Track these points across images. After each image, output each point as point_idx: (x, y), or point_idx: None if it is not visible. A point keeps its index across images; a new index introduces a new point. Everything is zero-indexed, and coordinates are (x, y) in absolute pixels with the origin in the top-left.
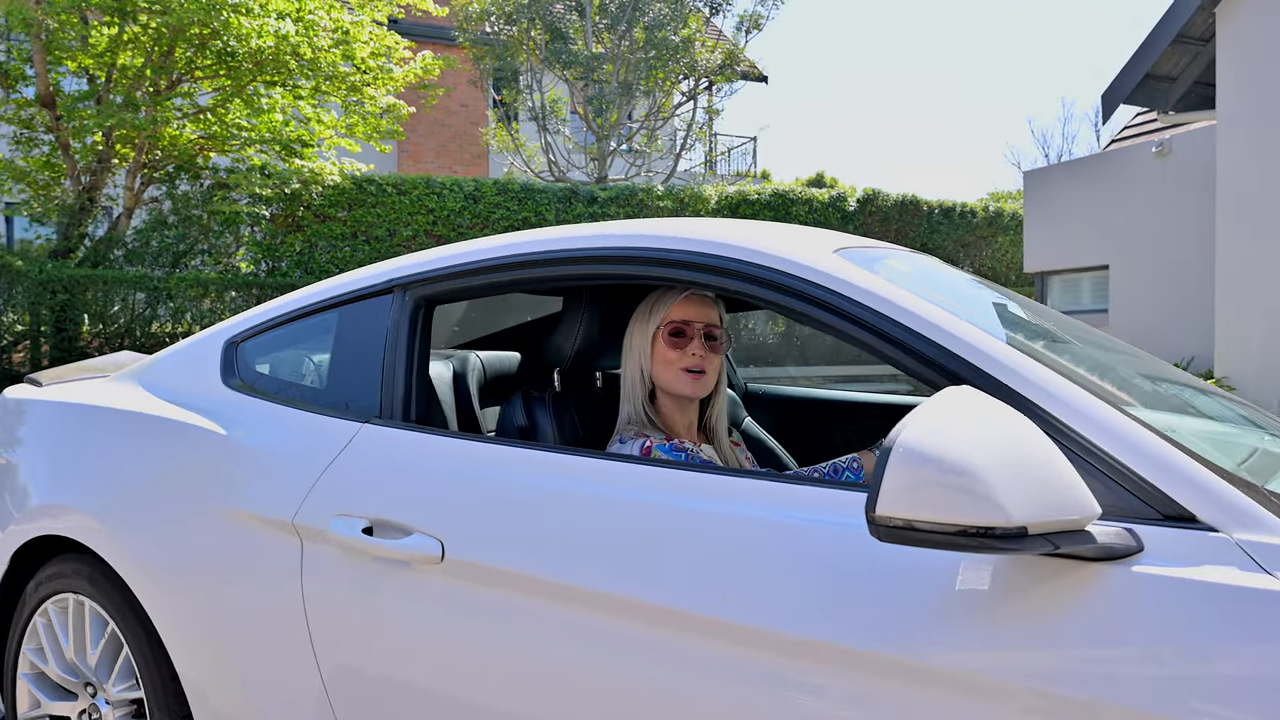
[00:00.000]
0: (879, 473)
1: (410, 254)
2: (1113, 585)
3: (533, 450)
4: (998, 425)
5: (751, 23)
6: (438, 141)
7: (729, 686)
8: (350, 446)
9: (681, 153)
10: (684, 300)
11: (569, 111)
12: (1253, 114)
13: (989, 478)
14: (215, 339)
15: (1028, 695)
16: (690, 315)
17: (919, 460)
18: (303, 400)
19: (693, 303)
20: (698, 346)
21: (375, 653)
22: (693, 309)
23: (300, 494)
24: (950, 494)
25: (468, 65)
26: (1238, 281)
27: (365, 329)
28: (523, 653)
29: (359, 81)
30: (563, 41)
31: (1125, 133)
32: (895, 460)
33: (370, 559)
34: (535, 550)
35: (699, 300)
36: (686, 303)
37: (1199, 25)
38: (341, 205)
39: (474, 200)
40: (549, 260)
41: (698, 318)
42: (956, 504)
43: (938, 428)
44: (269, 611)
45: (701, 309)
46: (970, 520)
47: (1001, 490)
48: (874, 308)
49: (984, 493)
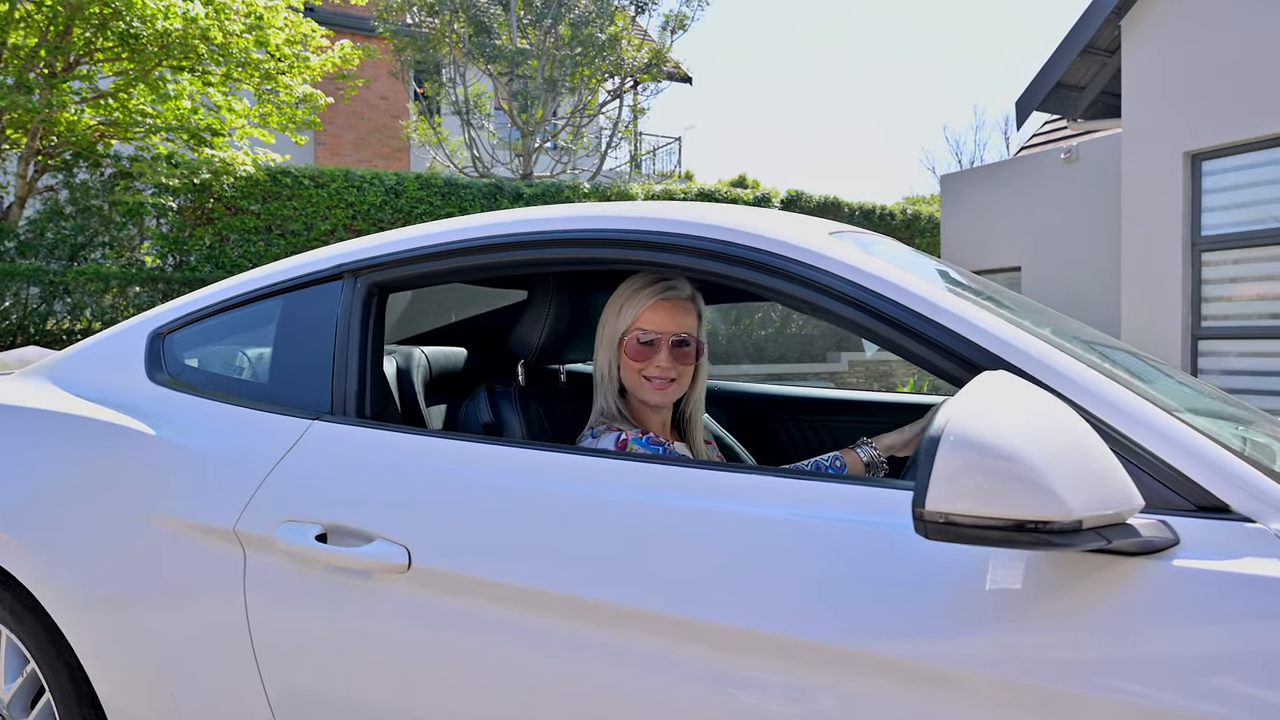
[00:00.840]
0: (926, 464)
1: (360, 238)
2: (1154, 581)
3: (509, 447)
4: (1043, 412)
5: (677, 23)
6: (357, 134)
7: (742, 698)
8: (299, 445)
9: (607, 151)
10: (654, 305)
11: (493, 107)
12: (1155, 122)
13: (1046, 468)
14: (138, 330)
15: (1064, 699)
16: (659, 324)
17: (972, 449)
18: (242, 396)
19: (664, 309)
20: (665, 358)
21: (330, 673)
22: (662, 316)
23: (242, 498)
24: (1006, 486)
25: (388, 56)
26: (1141, 282)
27: (312, 318)
28: (502, 670)
29: (273, 69)
30: (487, 35)
31: (1034, 140)
32: (946, 450)
33: (324, 569)
34: (515, 556)
35: (671, 305)
36: (657, 308)
37: (1106, 37)
38: (255, 198)
39: (396, 195)
40: (516, 244)
41: (667, 327)
42: (1012, 497)
43: (985, 415)
44: (207, 630)
45: (673, 315)
46: (1027, 514)
47: (1058, 481)
48: (893, 297)
49: (1042, 484)
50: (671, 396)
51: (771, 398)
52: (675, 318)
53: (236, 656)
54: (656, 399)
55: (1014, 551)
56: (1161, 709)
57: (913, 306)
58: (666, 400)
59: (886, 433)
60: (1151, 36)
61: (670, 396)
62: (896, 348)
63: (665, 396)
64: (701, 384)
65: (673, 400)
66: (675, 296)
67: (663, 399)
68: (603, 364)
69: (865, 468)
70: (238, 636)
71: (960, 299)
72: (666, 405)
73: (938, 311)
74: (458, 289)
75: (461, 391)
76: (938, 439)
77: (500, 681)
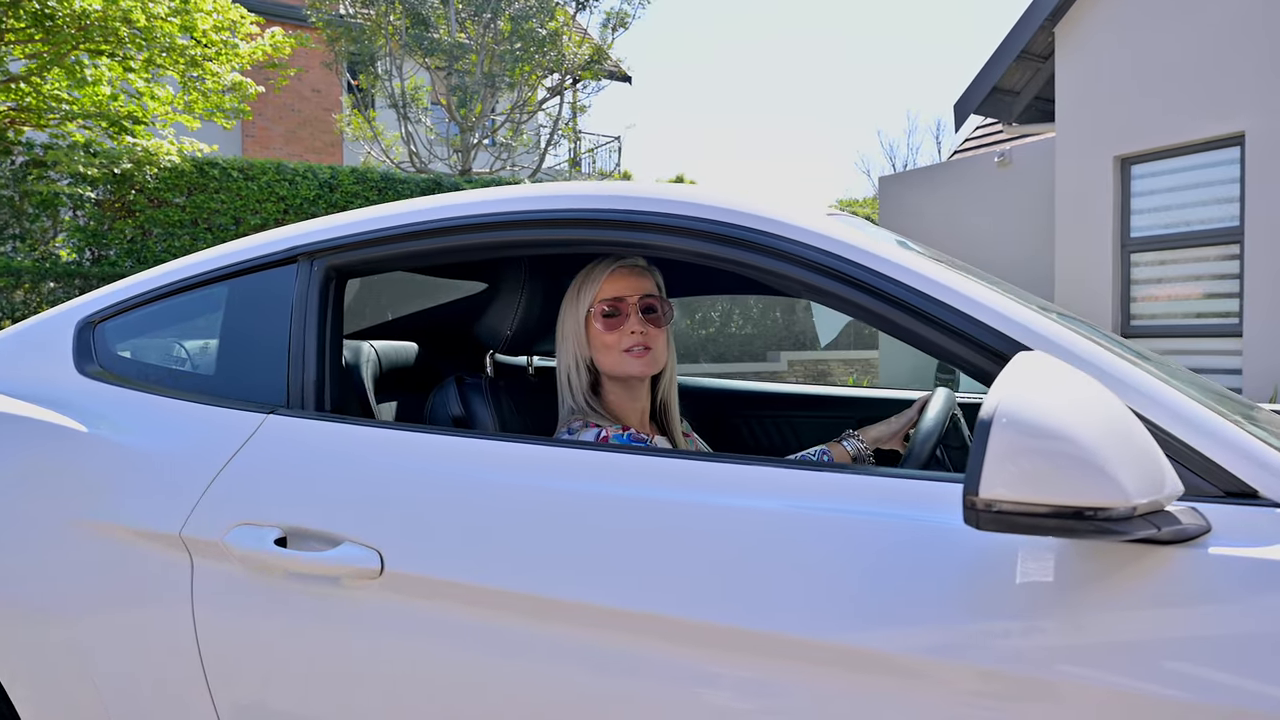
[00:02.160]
0: (978, 449)
1: (316, 219)
2: (1192, 569)
3: (492, 441)
4: (1089, 395)
5: (618, 20)
6: (286, 127)
7: (767, 705)
8: (253, 442)
9: (547, 149)
10: (613, 274)
11: (431, 101)
12: (1086, 126)
13: (1104, 452)
14: (65, 320)
15: (1105, 694)
16: (623, 290)
17: (1026, 432)
18: (185, 389)
19: (623, 275)
20: (636, 323)
21: (290, 690)
22: (624, 282)
23: (189, 500)
24: (1065, 470)
25: (321, 46)
26: (1074, 282)
27: (265, 304)
28: (488, 684)
29: (200, 56)
30: (424, 28)
31: (967, 144)
32: (999, 433)
33: (284, 576)
34: (504, 560)
35: (629, 271)
36: (616, 276)
37: (1040, 43)
38: (180, 189)
39: (330, 189)
40: (487, 225)
41: (631, 290)
42: (1071, 482)
43: (1035, 397)
44: (149, 647)
45: (634, 280)
46: (1086, 500)
47: (1115, 466)
48: (916, 286)
49: (1101, 468)
50: (652, 365)
51: (730, 393)
52: (636, 282)
53: (183, 674)
54: (638, 369)
55: (1045, 543)
56: (1207, 704)
57: (934, 294)
58: (648, 369)
59: (871, 425)
60: (1083, 43)
61: (651, 365)
62: (911, 335)
63: (646, 365)
64: (673, 362)
65: (656, 368)
66: (632, 264)
67: (644, 368)
68: (568, 360)
69: (852, 461)
70: (184, 652)
71: (979, 284)
72: (649, 374)
73: (958, 298)
74: (403, 281)
75: (412, 387)
76: (989, 423)
77: (486, 697)
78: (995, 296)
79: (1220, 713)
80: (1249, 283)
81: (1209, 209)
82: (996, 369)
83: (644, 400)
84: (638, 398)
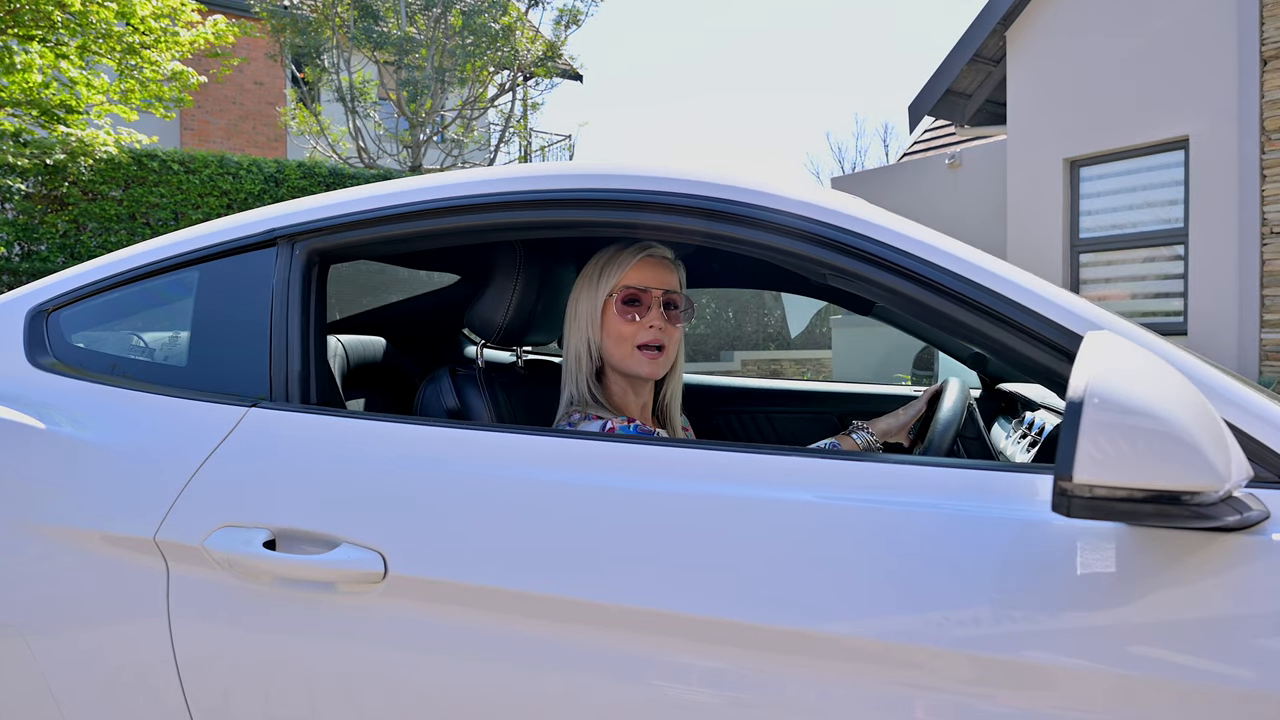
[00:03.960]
0: (1069, 431)
1: (297, 199)
2: (1261, 556)
3: (504, 434)
4: (1168, 375)
5: (570, 17)
6: (228, 120)
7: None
8: (234, 437)
9: (499, 146)
10: (641, 262)
11: (379, 96)
12: (1037, 129)
13: (1197, 432)
14: (12, 308)
15: (1174, 690)
16: (648, 280)
17: (1124, 410)
18: (152, 381)
19: (650, 265)
20: (656, 317)
21: (281, 708)
22: (651, 272)
23: (164, 501)
24: (1164, 451)
25: (266, 37)
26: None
27: (242, 291)
28: (509, 696)
29: (138, 43)
30: (373, 20)
31: (916, 146)
32: (1093, 413)
33: (274, 582)
34: (522, 560)
35: (658, 263)
36: (644, 265)
37: (992, 47)
38: (117, 182)
39: (275, 183)
40: (485, 206)
41: (656, 283)
42: (1170, 463)
43: (1124, 376)
44: (120, 665)
45: (660, 273)
46: (1184, 483)
47: (1208, 447)
48: (981, 281)
49: (1198, 448)
50: (662, 368)
51: (710, 389)
52: (663, 275)
53: (158, 693)
54: (647, 370)
55: (1104, 533)
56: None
57: (993, 286)
58: (657, 372)
59: (879, 418)
60: (1034, 47)
61: (661, 368)
62: (967, 329)
63: (656, 367)
64: (681, 362)
65: (663, 372)
66: (660, 255)
67: (653, 370)
68: (577, 344)
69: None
70: (160, 668)
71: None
72: (655, 377)
73: (1009, 286)
74: (367, 273)
75: (379, 383)
76: (1080, 403)
77: (507, 712)
78: (1044, 284)
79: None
80: (1193, 283)
81: (1155, 211)
82: (1047, 353)
83: (646, 396)
84: (641, 393)
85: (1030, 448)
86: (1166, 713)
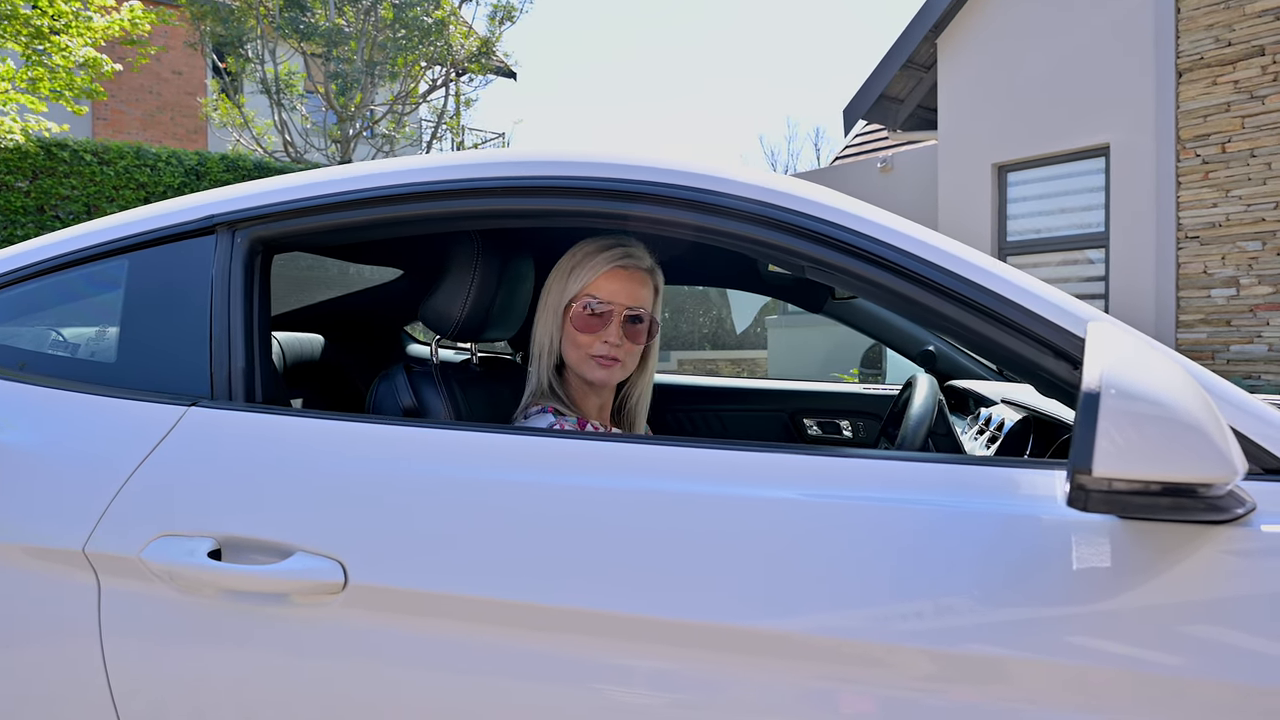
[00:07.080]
0: (1087, 423)
1: (237, 184)
2: (1250, 548)
3: (468, 433)
4: (1171, 366)
5: (505, 13)
6: (145, 110)
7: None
8: (172, 438)
9: (433, 142)
10: (610, 273)
11: (306, 89)
12: (967, 134)
13: (1210, 423)
14: None
15: (1178, 684)
16: (613, 294)
17: (1142, 400)
18: (76, 379)
19: (620, 277)
20: (613, 334)
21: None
22: (619, 285)
23: (94, 509)
24: (1182, 442)
25: (185, 25)
26: None
27: (178, 282)
28: (478, 708)
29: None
30: (300, 10)
31: (848, 150)
32: (1111, 403)
33: (219, 595)
34: (497, 566)
35: (629, 275)
36: (613, 276)
37: (924, 53)
38: (24, 173)
39: (197, 176)
40: (448, 193)
41: (623, 298)
42: (1186, 455)
43: (1136, 366)
44: (49, 688)
45: (630, 286)
46: (1201, 475)
47: (1219, 438)
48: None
49: (1212, 439)
50: (614, 378)
51: (664, 388)
52: (631, 289)
53: (91, 718)
54: (598, 376)
55: (1096, 526)
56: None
57: (984, 283)
58: (608, 381)
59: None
60: (963, 55)
61: (613, 377)
62: (959, 327)
63: (608, 375)
64: (651, 370)
65: (614, 382)
66: (634, 266)
67: (605, 377)
68: (543, 334)
69: None
70: (92, 690)
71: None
72: (607, 385)
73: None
74: (302, 268)
75: (318, 382)
76: (1096, 394)
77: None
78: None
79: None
80: (1113, 284)
81: (1078, 215)
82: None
83: (606, 397)
84: (599, 393)
85: (989, 444)
86: (1165, 709)
